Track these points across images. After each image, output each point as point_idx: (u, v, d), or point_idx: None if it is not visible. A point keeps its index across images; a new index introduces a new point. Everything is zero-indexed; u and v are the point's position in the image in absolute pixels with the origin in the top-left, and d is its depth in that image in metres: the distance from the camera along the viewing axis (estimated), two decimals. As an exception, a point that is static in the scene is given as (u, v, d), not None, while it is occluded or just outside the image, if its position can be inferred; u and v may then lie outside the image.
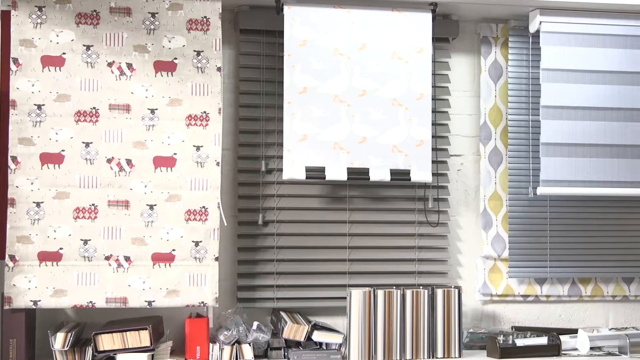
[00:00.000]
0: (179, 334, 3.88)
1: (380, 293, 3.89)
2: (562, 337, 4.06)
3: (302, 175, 3.94)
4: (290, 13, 3.96)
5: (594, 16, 4.21)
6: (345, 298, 3.93)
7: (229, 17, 4.10)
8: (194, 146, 3.78)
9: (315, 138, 3.95)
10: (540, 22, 4.16)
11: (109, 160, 3.71)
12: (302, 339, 3.83)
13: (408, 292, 3.92)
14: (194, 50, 3.80)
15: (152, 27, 3.78)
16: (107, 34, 3.74)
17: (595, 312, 4.45)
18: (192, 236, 3.75)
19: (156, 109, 3.76)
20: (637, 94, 4.23)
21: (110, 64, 3.74)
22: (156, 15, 3.79)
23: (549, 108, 4.17)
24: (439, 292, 3.95)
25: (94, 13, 3.74)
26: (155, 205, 3.73)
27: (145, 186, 3.73)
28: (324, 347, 3.89)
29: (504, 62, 4.35)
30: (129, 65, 3.75)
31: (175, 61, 3.79)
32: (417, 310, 3.92)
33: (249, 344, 3.75)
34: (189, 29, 3.81)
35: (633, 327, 4.21)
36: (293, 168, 3.93)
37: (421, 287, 3.99)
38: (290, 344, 3.88)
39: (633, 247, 4.40)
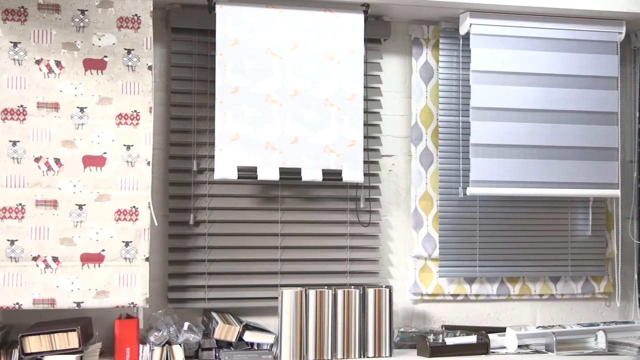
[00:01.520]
0: (108, 335, 3.82)
1: (311, 293, 3.90)
2: (491, 336, 4.12)
3: (233, 175, 3.92)
4: (223, 12, 3.94)
5: (524, 19, 4.28)
6: (277, 298, 3.92)
7: (161, 15, 4.06)
8: (125, 145, 3.74)
9: (247, 138, 3.94)
10: (470, 24, 4.21)
11: (37, 160, 3.65)
12: (233, 339, 3.82)
13: (339, 292, 3.93)
14: (125, 49, 3.76)
15: (81, 24, 3.73)
16: (35, 30, 3.68)
17: (522, 310, 4.52)
18: (122, 236, 3.71)
19: (86, 108, 3.71)
20: (564, 96, 4.31)
21: (38, 62, 3.67)
22: (86, 12, 3.73)
23: (478, 109, 4.22)
24: (370, 292, 3.97)
25: (22, 9, 3.67)
26: (84, 205, 3.68)
27: (75, 186, 3.68)
28: (256, 347, 3.88)
29: (434, 63, 4.39)
30: (58, 63, 3.69)
31: (106, 59, 3.74)
32: (349, 309, 3.93)
33: (180, 344, 3.72)
34: (119, 26, 3.76)
35: (559, 325, 4.28)
36: (225, 168, 3.91)
37: (353, 286, 4.01)
38: (222, 345, 3.86)
39: (560, 247, 4.48)
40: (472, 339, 4.07)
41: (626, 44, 4.56)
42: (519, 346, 4.13)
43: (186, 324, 3.82)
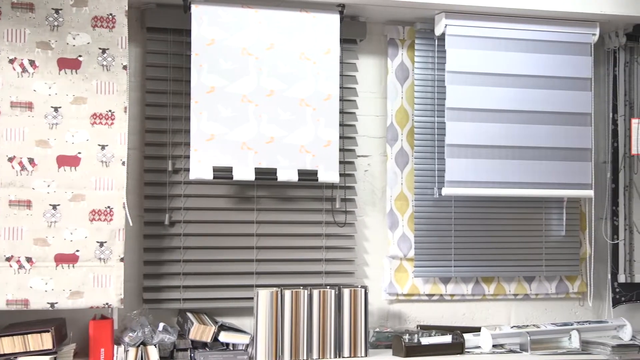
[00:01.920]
0: (82, 336, 3.80)
1: (287, 293, 3.89)
2: (466, 336, 4.13)
3: (209, 175, 3.92)
4: (198, 12, 3.93)
5: (498, 20, 4.30)
6: (252, 298, 3.91)
7: (136, 14, 4.05)
8: (99, 145, 3.72)
9: (223, 138, 3.93)
10: (446, 25, 4.22)
11: (10, 159, 3.63)
12: (208, 340, 3.81)
13: (315, 292, 3.93)
14: (99, 48, 3.74)
15: (55, 23, 3.70)
16: (8, 29, 3.65)
17: (497, 310, 4.54)
18: (96, 236, 3.69)
19: (60, 107, 3.69)
20: (538, 97, 4.33)
21: (11, 61, 3.65)
22: (60, 11, 3.71)
23: (454, 110, 4.24)
24: (346, 292, 3.97)
25: (-5, 8, 3.65)
26: (58, 205, 3.66)
27: (48, 186, 3.66)
28: (231, 347, 3.88)
29: (410, 64, 4.40)
30: (32, 62, 3.67)
31: (80, 59, 3.72)
32: (324, 310, 3.94)
33: (155, 345, 3.71)
34: (94, 26, 3.74)
35: (534, 325, 4.31)
36: (200, 168, 3.90)
37: (328, 287, 4.01)
38: (197, 345, 3.85)
39: (534, 247, 4.51)
40: (447, 338, 4.09)
41: (600, 45, 4.59)
42: (494, 346, 4.14)
43: (161, 325, 3.80)
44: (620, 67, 4.60)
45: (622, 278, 4.58)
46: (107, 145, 3.72)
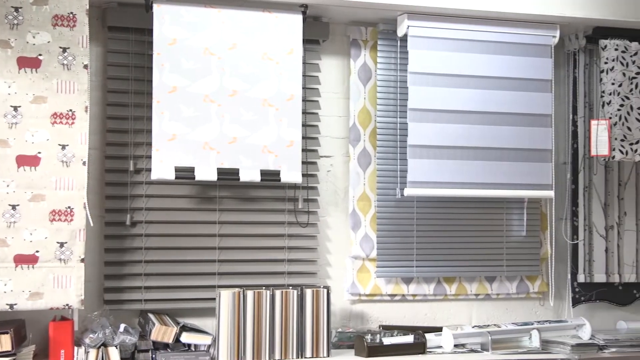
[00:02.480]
0: (42, 337, 3.77)
1: (249, 294, 3.89)
2: (428, 335, 4.15)
3: (171, 175, 3.90)
4: (160, 11, 3.91)
5: (460, 22, 4.32)
6: (214, 299, 3.90)
7: (97, 13, 4.02)
8: (59, 145, 3.69)
9: (185, 138, 3.92)
10: (408, 26, 4.24)
11: (-31, 159, 3.59)
12: (170, 341, 3.79)
13: (277, 293, 3.93)
14: (60, 47, 3.71)
15: (15, 22, 3.66)
16: (-33, 27, 3.61)
17: (459, 310, 4.56)
18: (56, 237, 3.66)
19: (19, 107, 3.65)
20: (500, 98, 4.36)
21: (-30, 59, 3.61)
22: (20, 9, 3.67)
23: (416, 111, 4.26)
24: (308, 292, 3.97)
25: (-46, 6, 3.61)
26: (17, 205, 3.62)
27: (8, 185, 3.61)
28: (193, 348, 3.86)
29: (373, 64, 4.41)
30: (-9, 61, 3.63)
31: (40, 57, 3.69)
32: (287, 310, 3.93)
33: (116, 346, 3.68)
34: (54, 24, 3.71)
35: (494, 325, 4.33)
36: (162, 168, 3.89)
37: (290, 287, 4.01)
38: (158, 346, 3.83)
39: (495, 247, 4.54)
40: (409, 338, 4.10)
41: (560, 47, 4.64)
42: (455, 345, 4.17)
43: (122, 326, 3.78)
44: (580, 69, 4.65)
45: (581, 278, 4.63)
46: (67, 145, 3.69)
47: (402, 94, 4.35)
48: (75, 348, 3.64)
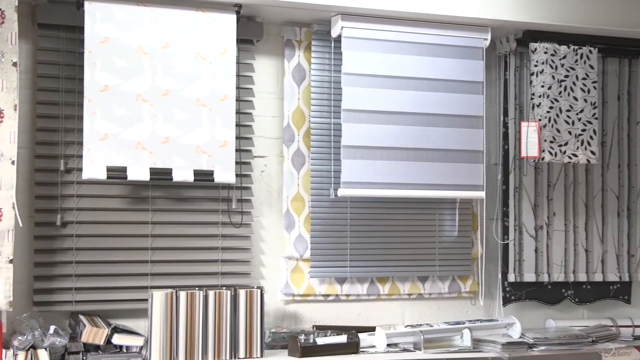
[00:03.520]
0: (-31, 340, 3.70)
1: (182, 294, 3.86)
2: (361, 335, 4.17)
3: (102, 175, 3.85)
4: (91, 9, 3.86)
5: (394, 24, 4.35)
6: (147, 300, 3.87)
7: (26, 10, 3.94)
8: (-12, 144, 3.63)
9: (117, 137, 3.88)
10: (342, 27, 4.26)
11: None
12: (101, 343, 3.75)
13: (211, 293, 3.91)
14: (-12, 44, 3.65)
15: (-59, 17, 3.60)
16: None
17: (392, 310, 4.59)
18: (-16, 238, 3.60)
19: (-54, 104, 3.58)
20: (432, 99, 4.41)
21: None
22: (-54, 5, 3.60)
23: (349, 111, 4.28)
24: (242, 293, 3.96)
25: None
26: (-56, 205, 3.55)
27: None
28: (125, 350, 3.83)
29: (307, 65, 4.42)
30: None
31: (-32, 54, 3.62)
32: (220, 311, 3.92)
33: (45, 348, 3.63)
34: (-18, 21, 3.65)
35: (427, 324, 4.37)
36: (93, 168, 3.84)
37: (224, 287, 3.99)
38: (89, 348, 3.78)
39: (428, 247, 4.58)
40: (342, 338, 4.11)
41: (491, 50, 4.70)
42: (388, 345, 4.19)
43: (52, 328, 3.73)
44: (510, 71, 4.72)
45: (512, 277, 4.70)
46: (-4, 144, 3.63)
47: (336, 95, 4.36)
48: (4, 351, 3.57)
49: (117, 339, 3.80)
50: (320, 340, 4.06)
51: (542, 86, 4.52)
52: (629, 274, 4.95)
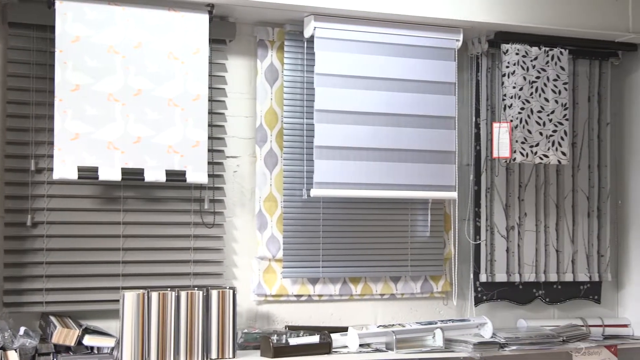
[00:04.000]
0: (-62, 342, 3.66)
1: (154, 295, 3.84)
2: (333, 335, 4.17)
3: (74, 175, 3.83)
4: (62, 8, 3.84)
5: (366, 24, 4.36)
6: (118, 301, 3.85)
7: (-3, 9, 3.93)
8: (-43, 143, 3.59)
9: (89, 137, 3.85)
10: (315, 27, 4.26)
11: None
12: (72, 344, 3.72)
13: (183, 294, 3.90)
14: (-42, 43, 3.61)
15: None
16: None
17: (364, 310, 4.60)
18: (-47, 238, 3.56)
19: None
20: (405, 100, 4.42)
21: None
22: None
23: (322, 112, 4.28)
24: (214, 293, 3.95)
25: None
26: None
27: None
28: (96, 351, 3.80)
29: (280, 65, 4.41)
30: None
31: (-63, 53, 3.59)
32: (192, 311, 3.90)
33: (15, 350, 3.59)
34: (-49, 19, 3.61)
35: (399, 324, 4.38)
36: (64, 168, 3.81)
37: (196, 288, 3.98)
38: (60, 349, 3.75)
39: (400, 247, 4.59)
40: (314, 339, 4.12)
41: (463, 51, 4.72)
42: (361, 345, 4.20)
43: (22, 329, 3.70)
44: (482, 72, 4.74)
45: (483, 277, 4.72)
46: (-35, 144, 3.60)
47: (308, 95, 4.36)
48: (-27, 352, 3.55)
49: (88, 340, 3.77)
50: (293, 341, 4.06)
51: (514, 87, 4.55)
52: (599, 274, 4.99)
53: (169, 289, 3.91)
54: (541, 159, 4.60)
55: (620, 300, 5.12)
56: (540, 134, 4.59)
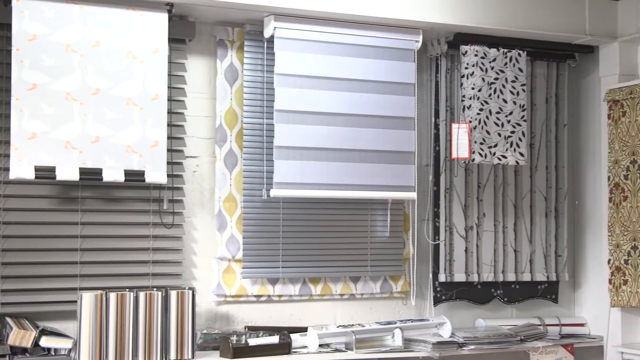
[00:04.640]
0: None
1: (112, 296, 3.82)
2: (293, 336, 4.17)
3: (30, 175, 3.79)
4: (19, 6, 3.79)
5: (326, 25, 4.37)
6: (76, 302, 3.81)
7: (-48, 6, 3.87)
8: None
9: (46, 137, 3.81)
10: (275, 27, 4.25)
11: None
12: (28, 345, 3.69)
13: (141, 295, 3.87)
14: None
15: None
16: None
17: (324, 310, 4.60)
18: None
19: None
20: (365, 100, 4.43)
21: None
22: None
23: (282, 112, 4.28)
24: (173, 294, 3.94)
25: None
26: None
27: None
28: (53, 352, 3.77)
29: (239, 65, 4.40)
30: None
31: None
32: (151, 312, 3.88)
33: (-29, 352, 3.57)
34: None
35: (359, 324, 4.40)
36: (21, 167, 3.77)
37: (155, 289, 3.96)
38: (16, 351, 3.71)
39: (360, 247, 4.60)
40: (274, 339, 4.11)
41: (423, 52, 4.74)
42: (320, 345, 4.21)
43: (-23, 331, 3.66)
44: (442, 73, 4.77)
45: (442, 277, 4.75)
46: None
47: (268, 95, 4.36)
48: None
49: (45, 342, 3.74)
50: (252, 341, 4.05)
51: (473, 88, 4.58)
52: (557, 274, 5.04)
53: (127, 289, 3.89)
54: (499, 159, 4.64)
55: (577, 299, 5.18)
56: (499, 134, 4.63)
